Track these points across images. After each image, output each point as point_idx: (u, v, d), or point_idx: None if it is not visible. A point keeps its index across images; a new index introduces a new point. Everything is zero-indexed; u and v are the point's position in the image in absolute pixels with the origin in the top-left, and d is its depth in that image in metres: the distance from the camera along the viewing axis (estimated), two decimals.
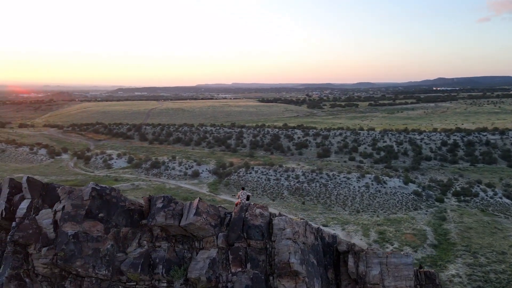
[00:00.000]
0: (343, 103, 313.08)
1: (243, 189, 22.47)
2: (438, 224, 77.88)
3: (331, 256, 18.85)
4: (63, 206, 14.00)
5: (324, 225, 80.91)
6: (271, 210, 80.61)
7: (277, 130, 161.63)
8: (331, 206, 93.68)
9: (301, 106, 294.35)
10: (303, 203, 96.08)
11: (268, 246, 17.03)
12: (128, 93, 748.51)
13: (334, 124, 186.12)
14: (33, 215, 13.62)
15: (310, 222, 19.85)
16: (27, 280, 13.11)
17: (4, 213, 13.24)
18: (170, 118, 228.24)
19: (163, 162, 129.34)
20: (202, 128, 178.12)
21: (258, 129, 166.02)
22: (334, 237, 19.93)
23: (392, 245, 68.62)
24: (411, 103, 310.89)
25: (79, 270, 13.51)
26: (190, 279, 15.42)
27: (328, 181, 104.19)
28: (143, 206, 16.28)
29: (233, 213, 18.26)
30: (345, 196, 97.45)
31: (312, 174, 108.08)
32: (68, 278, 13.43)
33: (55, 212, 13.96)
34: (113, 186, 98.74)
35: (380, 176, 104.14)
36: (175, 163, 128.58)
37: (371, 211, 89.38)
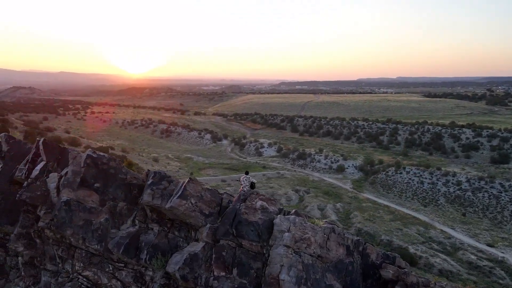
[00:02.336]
0: None
1: (246, 173, 17.49)
2: None
3: (376, 282, 13.30)
4: (67, 172, 13.59)
5: (489, 245, 66.26)
6: (420, 216, 69.89)
7: (440, 128, 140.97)
8: (502, 223, 76.00)
9: (477, 103, 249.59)
10: (464, 214, 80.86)
11: (265, 252, 13.00)
12: (290, 86, 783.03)
13: None
14: (45, 178, 13.65)
15: (343, 230, 14.25)
16: (37, 240, 13.18)
17: (26, 173, 13.66)
18: (324, 111, 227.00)
19: (310, 154, 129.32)
20: (353, 122, 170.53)
21: (416, 126, 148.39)
22: (387, 256, 13.92)
23: None
24: None
25: (71, 239, 12.77)
26: (169, 273, 12.68)
27: (501, 192, 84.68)
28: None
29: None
30: None
31: (479, 182, 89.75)
32: (61, 246, 13.06)
33: (61, 176, 13.68)
34: (262, 173, 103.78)
35: None
36: (321, 156, 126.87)
37: None
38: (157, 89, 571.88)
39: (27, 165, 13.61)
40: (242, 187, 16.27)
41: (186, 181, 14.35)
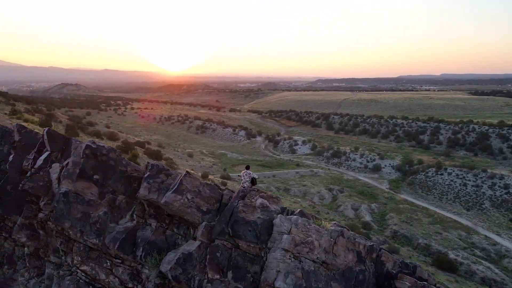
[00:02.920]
0: None
1: (247, 168, 15.83)
2: None
3: None
4: (68, 162, 13.07)
5: None
6: (462, 220, 65.78)
7: (486, 127, 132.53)
8: None
9: None
10: (511, 220, 75.29)
11: (263, 254, 11.67)
12: (327, 84, 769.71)
13: None
14: (48, 168, 13.20)
15: (354, 234, 12.56)
16: (41, 232, 12.86)
17: (32, 163, 13.37)
18: (362, 109, 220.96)
19: (345, 153, 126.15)
20: (391, 120, 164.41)
21: (460, 125, 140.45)
22: (406, 265, 12.14)
23: None
24: None
25: (70, 232, 12.22)
26: (163, 272, 11.67)
27: None
28: None
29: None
30: None
31: None
32: (60, 239, 12.66)
33: (63, 167, 13.12)
34: (295, 170, 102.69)
35: None
36: (356, 154, 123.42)
37: None
38: (194, 86, 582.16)
39: (33, 155, 13.48)
40: (242, 183, 14.89)
41: (182, 175, 13.28)
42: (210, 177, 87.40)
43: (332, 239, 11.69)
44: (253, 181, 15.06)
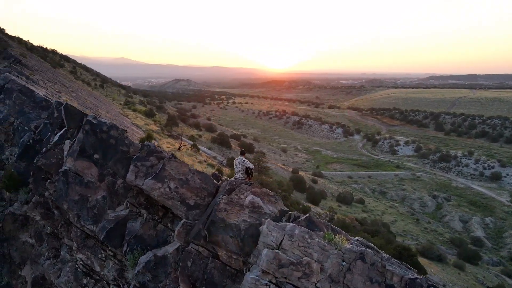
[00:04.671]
0: None
1: (242, 153, 12.15)
2: None
3: None
4: (75, 140, 11.89)
5: None
6: None
7: None
8: None
9: None
10: None
11: (245, 271, 8.59)
12: (440, 81, 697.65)
13: None
14: (63, 145, 12.31)
15: (386, 258, 8.35)
16: (55, 212, 12.05)
17: (53, 140, 12.82)
18: (481, 109, 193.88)
19: (455, 157, 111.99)
20: None
21: None
22: None
23: None
24: None
25: (70, 215, 11.06)
26: None
27: None
28: None
29: None
30: None
31: None
32: (61, 221, 11.59)
33: (72, 144, 11.99)
34: (394, 172, 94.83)
35: None
36: (470, 159, 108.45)
37: None
38: (295, 82, 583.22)
39: (55, 131, 13.31)
40: (235, 173, 12.06)
41: (165, 158, 10.99)
42: (301, 173, 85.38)
43: (344, 263, 8.01)
44: (248, 172, 12.00)
